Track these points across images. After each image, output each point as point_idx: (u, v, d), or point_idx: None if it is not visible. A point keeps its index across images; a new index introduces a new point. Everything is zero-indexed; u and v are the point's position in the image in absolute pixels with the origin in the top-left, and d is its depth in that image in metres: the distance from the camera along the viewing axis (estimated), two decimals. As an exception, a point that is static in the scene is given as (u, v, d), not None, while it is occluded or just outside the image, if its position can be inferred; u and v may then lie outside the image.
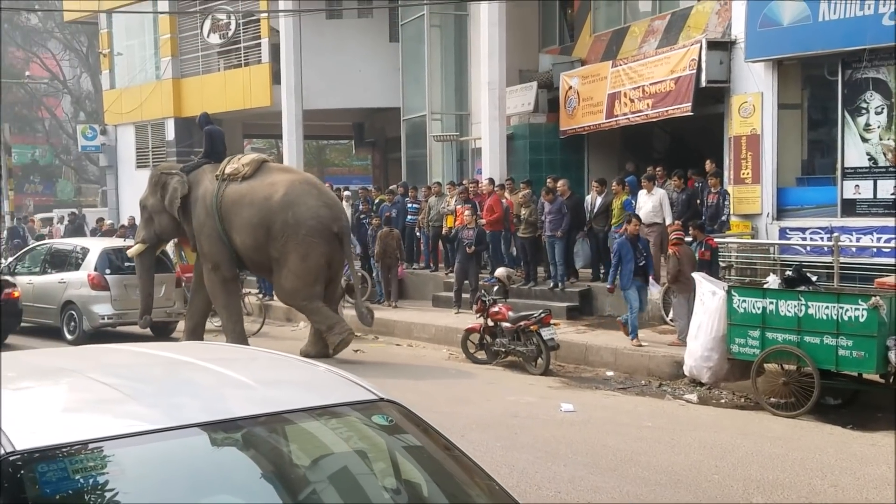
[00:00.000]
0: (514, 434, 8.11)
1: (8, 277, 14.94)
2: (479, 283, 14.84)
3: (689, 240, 11.77)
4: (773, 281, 10.30)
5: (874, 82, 12.40)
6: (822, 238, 12.62)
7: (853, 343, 8.59)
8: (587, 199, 14.75)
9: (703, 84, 13.93)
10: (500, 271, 13.39)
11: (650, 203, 13.33)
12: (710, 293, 9.88)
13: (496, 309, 12.01)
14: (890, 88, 12.26)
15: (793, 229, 13.15)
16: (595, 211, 14.31)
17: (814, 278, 10.21)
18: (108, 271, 14.23)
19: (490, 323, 12.07)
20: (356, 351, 13.05)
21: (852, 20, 12.07)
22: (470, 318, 13.27)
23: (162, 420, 2.51)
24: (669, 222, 13.03)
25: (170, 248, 15.78)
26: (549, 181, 14.93)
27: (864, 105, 12.52)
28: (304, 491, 2.63)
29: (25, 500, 2.25)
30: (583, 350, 12.10)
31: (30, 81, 36.66)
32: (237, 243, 12.05)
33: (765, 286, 9.89)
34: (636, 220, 12.08)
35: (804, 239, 12.97)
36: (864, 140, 12.59)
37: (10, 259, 18.30)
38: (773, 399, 9.35)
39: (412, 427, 2.85)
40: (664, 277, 13.33)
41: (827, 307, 8.77)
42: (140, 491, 2.37)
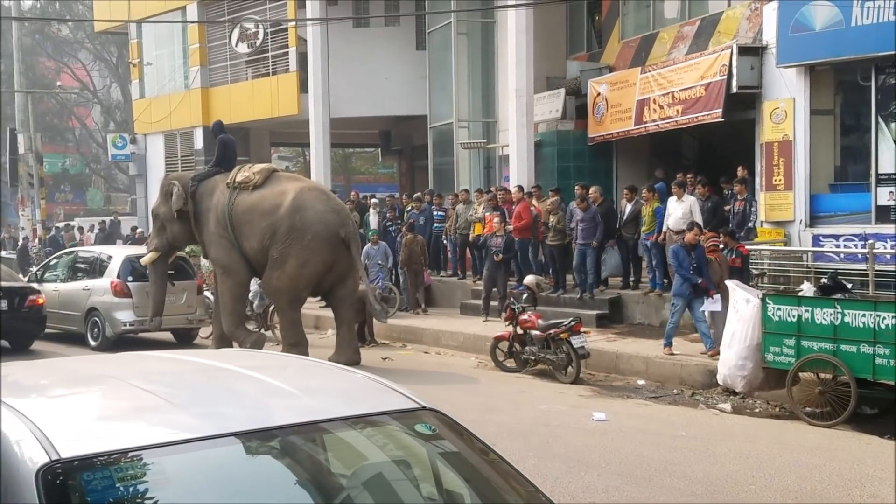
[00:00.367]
0: (546, 443, 8.04)
1: (34, 284, 15.14)
2: (508, 290, 14.77)
3: (720, 247, 11.66)
4: (807, 288, 10.18)
5: (908, 87, 12.26)
6: (856, 245, 12.45)
7: (890, 351, 8.45)
8: (622, 206, 14.65)
9: (734, 90, 13.82)
10: (530, 279, 13.32)
11: (680, 210, 13.20)
12: (743, 301, 9.77)
13: (525, 317, 11.95)
14: (924, 93, 12.12)
15: (826, 236, 12.98)
16: (625, 218, 14.24)
17: (848, 286, 10.09)
18: (130, 278, 14.36)
19: (519, 331, 12.01)
20: (384, 359, 13.05)
21: (885, 25, 11.90)
22: (498, 326, 13.23)
23: (206, 428, 2.49)
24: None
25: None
26: (577, 188, 14.86)
27: (899, 110, 12.37)
28: (347, 501, 2.60)
29: (70, 509, 2.23)
30: (613, 358, 12.01)
31: (61, 92, 37.06)
32: (247, 250, 12.20)
33: (800, 294, 9.76)
34: (697, 229, 11.53)
35: (838, 246, 12.79)
36: (899, 146, 12.43)
37: (34, 268, 18.53)
38: (808, 408, 9.22)
39: (454, 436, 2.81)
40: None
41: (864, 315, 8.65)
42: (184, 500, 2.35)
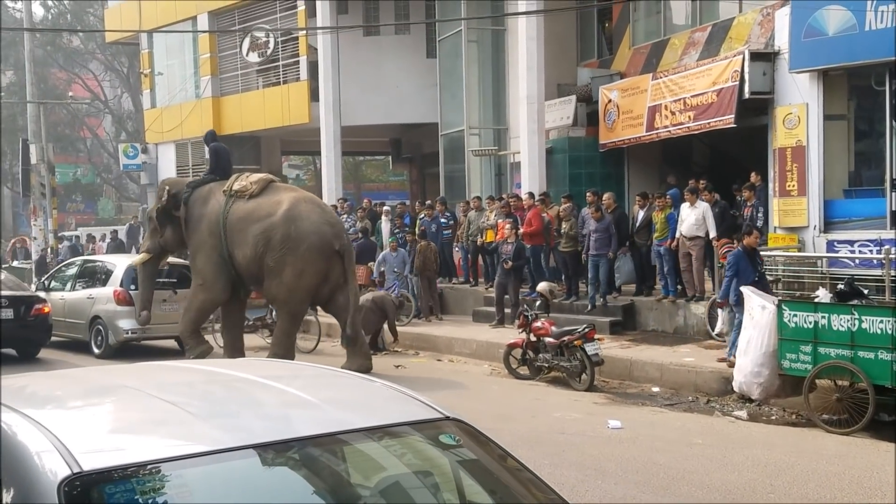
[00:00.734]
0: (562, 451, 8.00)
1: (41, 293, 15.21)
2: (521, 297, 14.72)
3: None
4: (823, 295, 10.11)
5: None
6: (871, 251, 12.37)
7: (909, 358, 8.39)
8: (634, 212, 14.59)
9: (747, 95, 13.77)
10: (543, 286, 13.29)
11: (693, 216, 13.15)
12: (759, 307, 9.70)
13: (539, 324, 11.90)
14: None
15: (841, 242, 12.90)
16: (638, 225, 14.19)
17: (864, 291, 10.01)
18: (133, 287, 14.31)
19: (533, 338, 11.96)
20: (397, 367, 13.02)
21: (900, 29, 11.86)
22: (509, 333, 13.18)
23: (227, 440, 2.46)
24: (713, 236, 12.87)
25: None
26: (589, 195, 14.82)
27: (913, 115, 12.30)
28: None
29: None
30: (627, 365, 11.94)
31: (72, 102, 37.27)
32: (238, 258, 12.10)
33: (816, 300, 9.69)
34: (756, 232, 11.11)
35: (853, 252, 12.72)
36: (914, 150, 12.36)
37: (39, 277, 18.59)
38: (825, 416, 9.14)
39: (479, 447, 2.78)
40: (708, 291, 13.22)
41: (881, 321, 8.57)
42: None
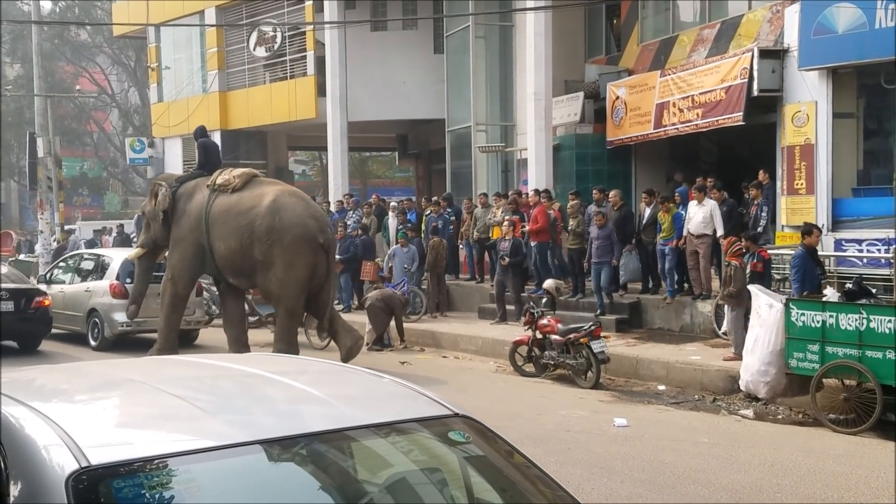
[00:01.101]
0: (568, 449, 7.98)
1: (42, 286, 15.35)
2: (522, 294, 14.70)
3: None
4: (830, 294, 10.06)
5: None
6: (879, 250, 12.31)
7: (917, 358, 8.35)
8: (640, 210, 14.56)
9: (755, 93, 13.71)
10: (549, 283, 13.26)
11: (700, 214, 13.10)
12: (766, 306, 9.66)
13: (545, 321, 11.88)
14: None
15: (848, 241, 12.85)
16: (644, 222, 14.15)
17: (873, 291, 9.96)
18: (128, 280, 14.44)
19: (539, 335, 11.94)
20: (403, 363, 13.01)
21: (910, 27, 11.81)
22: (515, 330, 13.15)
23: (236, 435, 2.45)
24: (721, 234, 12.82)
25: None
26: (595, 192, 14.79)
27: (923, 114, 12.26)
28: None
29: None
30: (633, 363, 11.91)
31: (79, 95, 37.29)
32: (221, 250, 12.08)
33: (823, 299, 9.65)
34: (817, 231, 10.84)
35: (861, 251, 12.66)
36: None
37: (42, 270, 18.66)
38: (832, 415, 9.11)
39: (488, 445, 2.76)
40: (715, 289, 13.18)
41: (890, 321, 8.52)
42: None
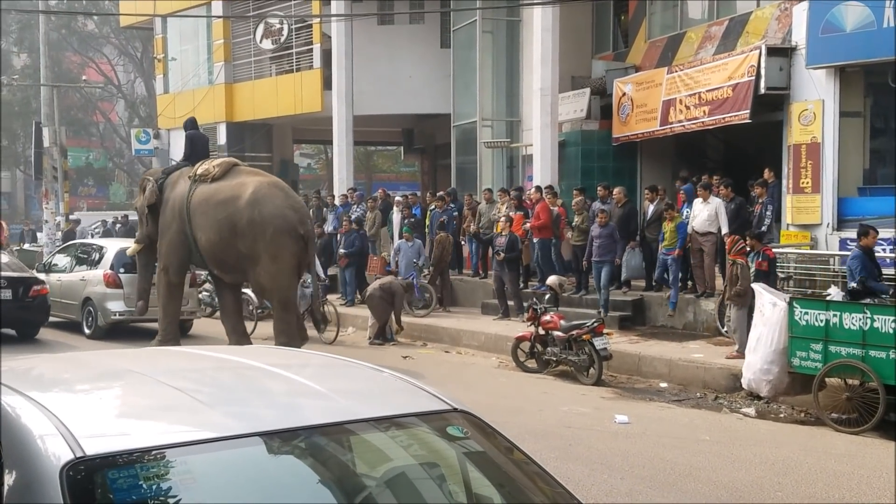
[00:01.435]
0: (569, 445, 7.97)
1: (41, 275, 15.45)
2: (519, 289, 14.68)
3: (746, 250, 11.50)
4: (835, 293, 10.04)
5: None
6: (884, 250, 12.25)
7: (921, 358, 8.32)
8: (644, 206, 14.52)
9: (763, 91, 13.67)
10: (552, 279, 13.25)
11: (705, 212, 13.06)
12: (770, 304, 9.63)
13: (548, 317, 11.86)
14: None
15: (854, 240, 12.77)
16: (648, 219, 14.11)
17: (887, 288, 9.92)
18: (122, 270, 14.57)
19: (541, 331, 11.92)
20: (405, 357, 13.01)
21: (918, 26, 11.75)
22: (517, 326, 13.14)
23: (234, 427, 2.44)
24: (725, 232, 12.78)
25: None
26: (600, 189, 14.75)
27: (930, 113, 12.20)
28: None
29: (95, 507, 2.19)
30: (635, 360, 11.90)
31: (86, 86, 37.28)
32: (202, 242, 12.08)
33: (828, 298, 9.62)
34: (874, 232, 10.46)
35: (866, 250, 12.60)
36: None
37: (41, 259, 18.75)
38: (834, 414, 9.09)
39: (487, 440, 2.75)
40: (718, 287, 13.14)
41: (894, 321, 8.50)
42: (211, 500, 2.30)
